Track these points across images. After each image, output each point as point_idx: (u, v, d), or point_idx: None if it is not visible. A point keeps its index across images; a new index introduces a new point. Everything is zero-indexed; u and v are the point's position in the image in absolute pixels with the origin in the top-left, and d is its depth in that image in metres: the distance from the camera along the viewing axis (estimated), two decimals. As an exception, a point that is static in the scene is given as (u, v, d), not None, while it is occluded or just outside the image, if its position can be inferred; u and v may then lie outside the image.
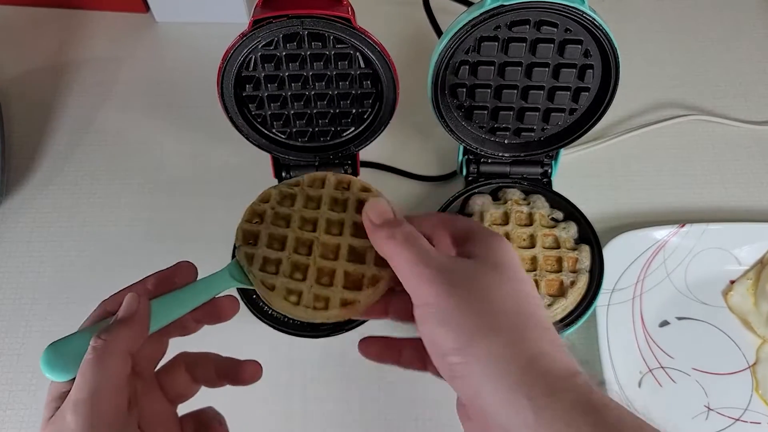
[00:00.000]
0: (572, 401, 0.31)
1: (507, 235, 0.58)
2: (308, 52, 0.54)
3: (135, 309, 0.36)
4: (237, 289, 0.57)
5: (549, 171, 0.62)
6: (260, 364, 0.41)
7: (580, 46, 0.52)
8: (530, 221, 0.60)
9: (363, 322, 0.56)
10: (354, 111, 0.58)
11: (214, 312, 0.41)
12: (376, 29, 0.54)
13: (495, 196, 0.62)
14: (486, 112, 0.58)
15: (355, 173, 0.63)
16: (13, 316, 0.61)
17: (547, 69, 0.54)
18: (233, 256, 0.58)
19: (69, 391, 0.33)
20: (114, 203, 0.67)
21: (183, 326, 0.40)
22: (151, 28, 0.78)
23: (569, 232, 0.59)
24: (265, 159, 0.63)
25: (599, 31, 0.50)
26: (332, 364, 0.59)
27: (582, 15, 0.49)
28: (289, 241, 0.42)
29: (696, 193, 0.67)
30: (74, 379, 0.33)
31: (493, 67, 0.54)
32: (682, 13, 0.79)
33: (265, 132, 0.59)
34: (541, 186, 0.62)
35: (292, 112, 0.58)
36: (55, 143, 0.70)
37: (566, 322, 0.55)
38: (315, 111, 0.58)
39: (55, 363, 0.33)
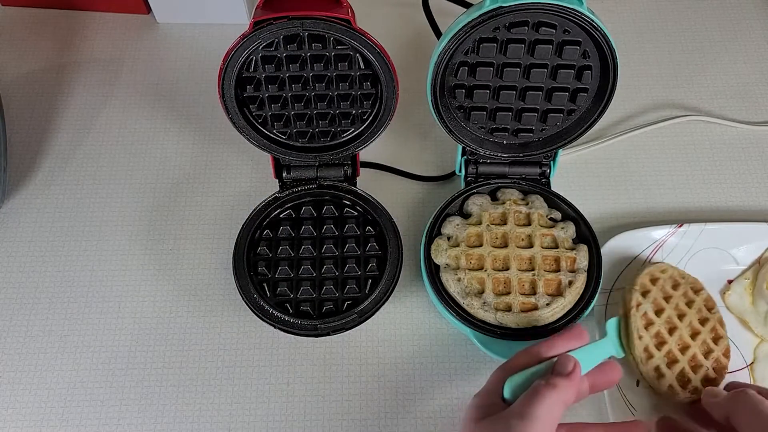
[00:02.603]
0: None
1: (505, 235, 0.59)
2: (308, 54, 0.54)
3: (573, 370, 0.45)
4: (237, 286, 0.57)
5: (547, 171, 0.63)
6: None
7: (578, 47, 0.53)
8: (528, 221, 0.60)
9: (365, 320, 0.56)
10: (354, 112, 0.59)
11: (607, 373, 0.48)
12: (376, 31, 0.54)
13: (494, 196, 0.63)
14: (485, 112, 0.58)
15: (355, 174, 0.63)
16: (15, 315, 0.61)
17: (545, 70, 0.54)
18: (234, 257, 0.58)
19: (497, 404, 0.45)
20: (115, 203, 0.67)
21: (581, 391, 0.47)
22: (152, 29, 0.79)
23: (567, 231, 0.59)
24: (265, 159, 0.63)
25: (597, 32, 0.51)
26: (333, 363, 0.59)
27: (580, 16, 0.50)
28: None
29: (694, 193, 0.68)
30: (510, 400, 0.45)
31: (491, 68, 0.55)
32: (681, 14, 0.80)
33: (266, 132, 0.59)
34: (540, 186, 0.62)
35: (293, 112, 0.58)
36: (56, 143, 0.71)
37: (564, 321, 0.55)
38: (315, 112, 0.58)
39: (513, 389, 0.45)
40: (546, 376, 0.44)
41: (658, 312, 0.56)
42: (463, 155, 0.62)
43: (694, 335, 0.56)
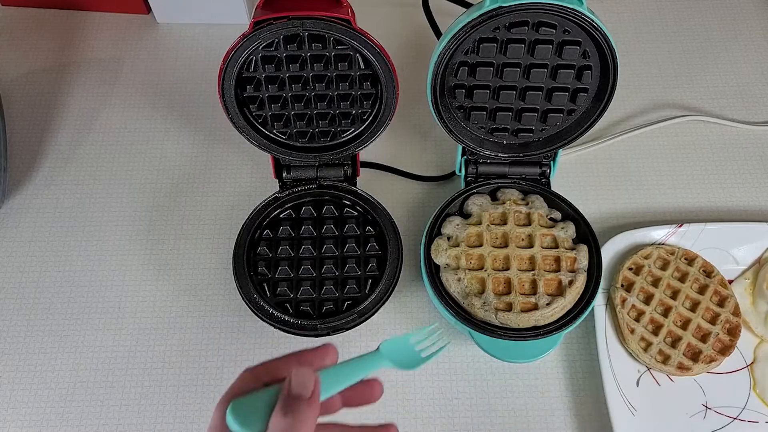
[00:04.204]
0: None
1: (505, 235, 0.59)
2: (308, 54, 0.54)
3: (313, 389, 0.35)
4: (237, 286, 0.57)
5: (547, 171, 0.63)
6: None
7: (578, 47, 0.53)
8: (529, 221, 0.60)
9: (365, 320, 0.56)
10: (354, 112, 0.59)
11: (365, 392, 0.41)
12: (376, 31, 0.54)
13: (494, 196, 0.63)
14: (485, 112, 0.58)
15: (355, 174, 0.63)
16: (15, 315, 0.61)
17: (545, 70, 0.54)
18: (234, 257, 0.58)
19: None
20: (115, 203, 0.67)
21: (329, 405, 0.39)
22: (152, 29, 0.79)
23: (567, 231, 0.59)
24: (265, 159, 0.63)
25: (597, 32, 0.51)
26: (332, 363, 0.59)
27: (580, 16, 0.50)
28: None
29: (694, 193, 0.68)
30: None
31: (491, 68, 0.55)
32: (681, 15, 0.80)
33: (266, 132, 0.59)
34: (540, 186, 0.62)
35: (293, 112, 0.58)
36: (56, 143, 0.71)
37: (565, 321, 0.55)
38: (315, 112, 0.58)
39: (242, 420, 0.34)
40: (283, 401, 0.35)
41: (648, 299, 0.58)
42: (463, 155, 0.62)
43: (695, 306, 0.58)
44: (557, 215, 0.61)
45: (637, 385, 0.57)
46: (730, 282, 0.61)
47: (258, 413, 0.35)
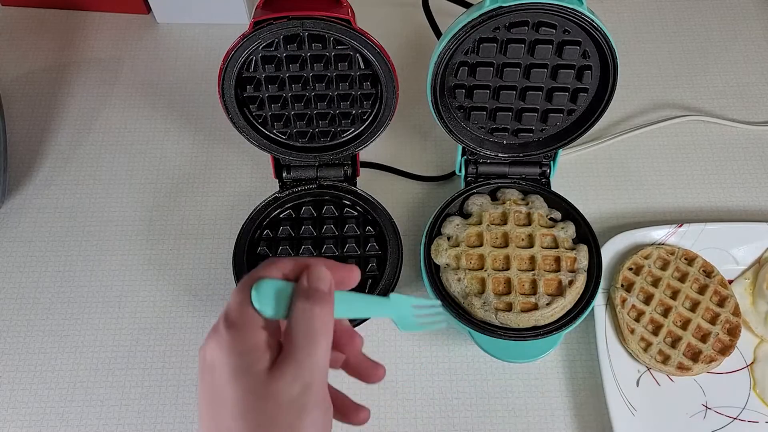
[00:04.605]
0: None
1: (505, 235, 0.59)
2: (308, 54, 0.54)
3: (329, 286, 0.36)
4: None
5: (547, 171, 0.63)
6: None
7: (578, 47, 0.53)
8: (529, 221, 0.60)
9: (364, 321, 0.56)
10: (354, 112, 0.59)
11: (370, 371, 0.43)
12: (376, 31, 0.54)
13: (494, 196, 0.63)
14: (485, 112, 0.58)
15: (355, 174, 0.63)
16: (15, 315, 0.61)
17: (545, 70, 0.54)
18: (234, 257, 0.58)
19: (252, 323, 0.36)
20: (115, 203, 0.67)
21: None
22: (152, 29, 0.79)
23: (567, 231, 0.59)
24: (265, 159, 0.63)
25: (597, 33, 0.51)
26: (332, 363, 0.59)
27: (580, 16, 0.50)
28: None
29: (694, 193, 0.68)
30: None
31: (491, 68, 0.55)
32: (681, 15, 0.80)
33: (266, 132, 0.59)
34: (540, 186, 0.62)
35: (293, 112, 0.58)
36: (56, 143, 0.71)
37: (565, 321, 0.55)
38: (315, 112, 0.58)
39: (264, 302, 0.36)
40: (303, 290, 0.36)
41: (648, 299, 0.58)
42: (463, 155, 0.62)
43: (695, 306, 0.58)
44: (557, 215, 0.61)
45: (637, 385, 0.56)
46: (730, 282, 0.61)
47: (280, 299, 0.36)
